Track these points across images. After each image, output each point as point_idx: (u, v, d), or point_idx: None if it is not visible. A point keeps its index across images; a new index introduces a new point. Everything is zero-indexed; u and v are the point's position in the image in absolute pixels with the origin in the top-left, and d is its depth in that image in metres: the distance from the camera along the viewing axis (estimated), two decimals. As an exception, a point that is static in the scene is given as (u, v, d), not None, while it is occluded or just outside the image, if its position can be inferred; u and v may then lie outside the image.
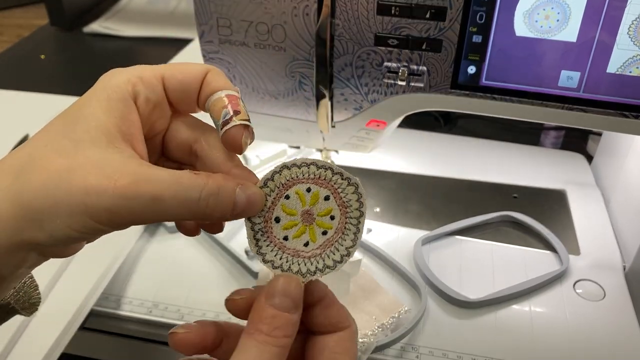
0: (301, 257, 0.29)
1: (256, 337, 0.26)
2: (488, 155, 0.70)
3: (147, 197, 0.25)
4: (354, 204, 0.30)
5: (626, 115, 0.42)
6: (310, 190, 0.29)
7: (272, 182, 0.29)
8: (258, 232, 0.29)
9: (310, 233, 0.29)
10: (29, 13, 1.28)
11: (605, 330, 0.48)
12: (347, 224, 0.30)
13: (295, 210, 0.29)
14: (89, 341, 0.54)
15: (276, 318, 0.26)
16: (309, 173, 0.29)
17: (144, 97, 0.29)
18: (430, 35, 0.42)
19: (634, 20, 0.38)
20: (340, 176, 0.29)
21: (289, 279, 0.28)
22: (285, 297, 0.27)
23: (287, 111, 0.50)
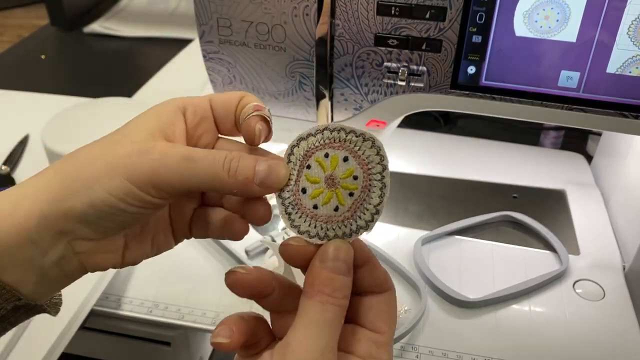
0: (334, 222, 0.29)
1: (319, 298, 0.27)
2: (488, 155, 0.70)
3: (180, 156, 0.28)
4: (374, 159, 0.29)
5: (626, 115, 0.42)
6: (329, 155, 0.30)
7: (292, 156, 0.30)
8: (289, 207, 0.30)
9: (338, 197, 0.30)
10: (30, 13, 1.28)
11: (605, 330, 0.48)
12: (371, 181, 0.29)
13: (318, 177, 0.30)
14: (90, 341, 0.54)
15: (334, 280, 0.28)
16: (324, 139, 0.30)
17: (192, 110, 0.32)
18: (430, 36, 0.42)
19: (633, 21, 0.38)
20: (353, 134, 0.29)
21: (339, 243, 0.29)
22: (338, 260, 0.28)
23: (287, 111, 0.50)
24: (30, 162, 0.72)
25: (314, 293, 0.28)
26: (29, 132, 0.77)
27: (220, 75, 0.49)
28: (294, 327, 0.28)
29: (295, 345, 0.27)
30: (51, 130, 0.64)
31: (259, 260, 0.54)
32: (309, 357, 0.27)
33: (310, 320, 0.27)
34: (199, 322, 0.49)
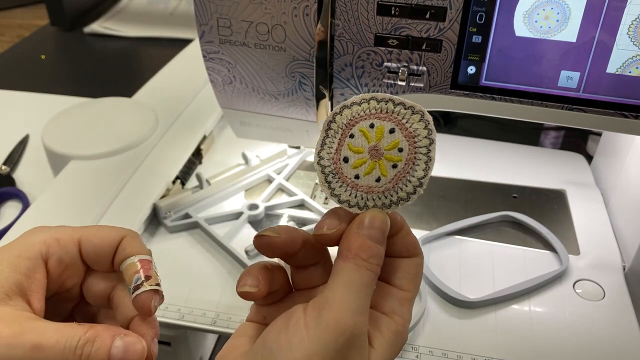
0: (375, 192, 0.29)
1: (356, 261, 0.29)
2: (488, 155, 0.70)
3: (28, 346, 0.27)
4: (422, 132, 0.29)
5: (626, 115, 0.42)
6: (374, 126, 0.29)
7: (334, 123, 0.29)
8: (329, 175, 0.30)
9: (381, 168, 0.29)
10: (30, 13, 1.28)
11: (605, 330, 0.48)
12: (416, 154, 0.29)
13: (362, 147, 0.29)
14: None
15: (371, 248, 0.29)
16: (370, 109, 0.29)
17: (56, 258, 0.32)
18: (430, 36, 0.42)
19: (633, 21, 0.38)
20: (402, 106, 0.29)
21: (376, 213, 0.30)
22: (374, 229, 0.29)
23: (287, 111, 0.50)
24: (30, 162, 0.72)
25: (350, 256, 0.29)
26: (29, 132, 0.77)
27: (220, 75, 0.49)
28: (332, 286, 0.29)
29: (333, 302, 0.28)
30: (51, 130, 0.64)
31: (259, 260, 0.54)
32: (345, 315, 0.28)
33: (348, 281, 0.28)
34: (199, 322, 0.49)
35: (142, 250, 0.34)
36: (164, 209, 0.58)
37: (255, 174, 0.64)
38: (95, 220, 0.53)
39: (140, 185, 0.58)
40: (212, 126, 0.70)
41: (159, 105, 0.69)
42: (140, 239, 0.34)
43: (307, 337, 0.28)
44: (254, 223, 0.59)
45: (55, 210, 0.54)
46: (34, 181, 0.68)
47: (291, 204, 0.61)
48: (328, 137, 0.30)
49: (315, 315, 0.28)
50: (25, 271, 0.31)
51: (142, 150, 0.62)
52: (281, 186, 0.63)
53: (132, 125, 0.65)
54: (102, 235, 0.34)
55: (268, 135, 0.54)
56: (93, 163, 0.60)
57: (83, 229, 0.34)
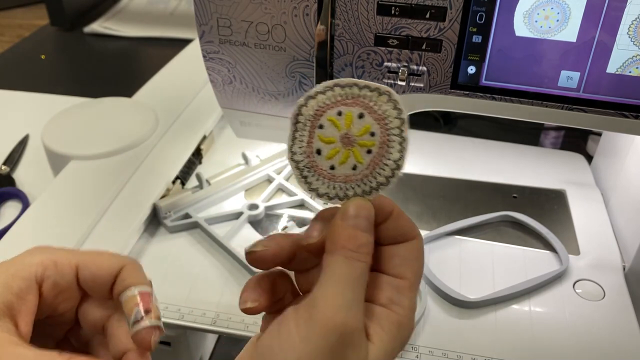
0: (353, 181, 0.29)
1: (344, 254, 0.27)
2: (488, 155, 0.70)
3: None
4: (392, 113, 0.29)
5: (626, 115, 0.42)
6: (342, 113, 0.28)
7: (301, 116, 0.28)
8: (304, 170, 0.29)
9: (355, 155, 0.29)
10: (30, 13, 1.28)
11: (605, 330, 0.48)
12: (389, 136, 0.29)
13: (333, 137, 0.28)
14: (89, 341, 0.54)
15: (358, 237, 0.28)
16: (335, 96, 0.28)
17: (52, 281, 0.31)
18: (430, 36, 0.42)
19: (633, 21, 0.38)
20: (368, 89, 0.28)
21: (359, 201, 0.28)
22: (359, 217, 0.28)
23: (287, 111, 0.50)
24: (30, 162, 0.72)
25: (337, 249, 0.28)
26: (29, 132, 0.77)
27: (220, 75, 0.49)
28: (320, 284, 0.27)
29: (322, 300, 0.27)
30: (51, 130, 0.64)
31: (259, 260, 0.54)
32: (336, 312, 0.26)
33: (336, 276, 0.27)
34: (199, 322, 0.49)
35: (142, 281, 0.32)
36: (164, 209, 0.58)
37: (255, 174, 0.64)
38: (95, 220, 0.53)
39: (140, 185, 0.58)
40: (212, 126, 0.70)
41: (159, 105, 0.69)
42: (141, 269, 0.33)
43: (298, 339, 0.26)
44: (254, 223, 0.59)
45: (55, 210, 0.54)
46: (34, 181, 0.68)
47: (291, 204, 0.61)
48: (297, 131, 0.29)
49: (305, 315, 0.27)
50: (18, 291, 0.30)
51: (142, 150, 0.62)
52: (281, 186, 0.63)
53: (132, 125, 0.65)
54: (101, 262, 0.32)
55: (268, 135, 0.54)
56: (93, 163, 0.60)
57: (82, 254, 0.33)
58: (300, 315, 0.27)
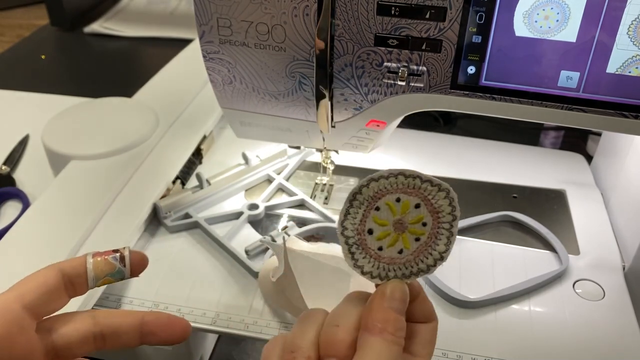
0: (396, 263, 0.30)
1: (384, 336, 0.29)
2: (487, 155, 0.70)
3: None
4: (446, 209, 0.30)
5: (625, 115, 0.42)
6: (400, 200, 0.30)
7: (360, 195, 0.30)
8: (352, 246, 0.30)
9: (404, 240, 0.30)
10: (30, 13, 1.28)
11: (605, 330, 0.49)
12: (439, 229, 0.30)
13: (387, 220, 0.30)
14: (90, 341, 0.54)
15: (397, 321, 0.29)
16: (397, 183, 0.30)
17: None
18: (430, 36, 0.42)
19: (633, 21, 0.39)
20: (429, 183, 0.30)
21: (397, 283, 0.30)
22: (397, 300, 0.30)
23: (287, 111, 0.50)
24: (31, 162, 0.72)
25: (376, 331, 0.29)
26: (29, 132, 0.77)
27: (220, 75, 0.49)
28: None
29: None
30: (51, 130, 0.64)
31: (259, 260, 0.54)
32: None
33: (376, 357, 0.28)
34: (199, 322, 0.49)
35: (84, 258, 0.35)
36: (164, 208, 0.58)
37: (255, 174, 0.64)
38: (96, 220, 0.53)
39: (140, 185, 0.58)
40: (212, 126, 0.70)
41: (159, 105, 0.69)
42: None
43: None
44: (254, 223, 0.59)
45: (56, 210, 0.54)
46: (34, 181, 0.68)
47: (291, 203, 0.61)
48: (352, 208, 0.30)
49: None
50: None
51: (142, 150, 0.62)
52: (281, 186, 0.63)
53: (133, 125, 0.65)
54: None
55: (268, 135, 0.54)
56: (93, 163, 0.60)
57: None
58: None
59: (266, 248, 0.55)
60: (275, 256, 0.51)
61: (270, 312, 0.49)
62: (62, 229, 0.52)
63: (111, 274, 0.34)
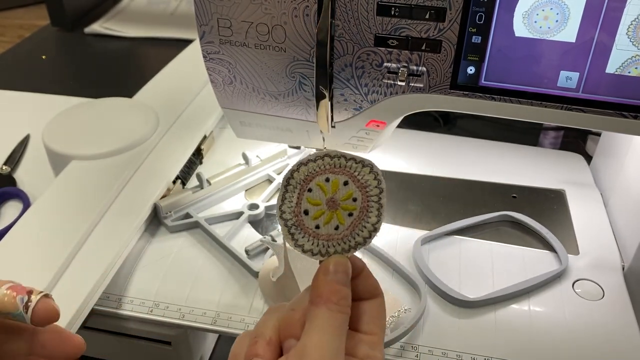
0: (334, 239, 0.32)
1: (328, 306, 0.30)
2: (487, 156, 0.71)
3: None
4: (372, 182, 0.32)
5: (625, 115, 0.42)
6: (329, 180, 0.32)
7: (292, 179, 0.32)
8: (291, 227, 0.32)
9: (338, 217, 0.32)
10: (30, 13, 1.28)
11: (604, 330, 0.49)
12: (369, 202, 0.32)
13: (319, 200, 0.32)
14: (90, 340, 0.54)
15: (339, 291, 0.31)
16: (324, 164, 0.32)
17: None
18: (429, 36, 0.42)
19: (632, 21, 0.39)
20: (353, 161, 0.32)
21: (338, 258, 0.32)
22: (340, 273, 0.32)
23: (287, 111, 0.50)
24: (31, 162, 0.72)
25: (321, 302, 0.31)
26: (30, 132, 0.77)
27: (220, 76, 0.49)
28: (308, 332, 0.30)
29: (311, 348, 0.29)
30: (52, 130, 0.64)
31: (259, 260, 0.54)
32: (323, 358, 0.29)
33: (323, 326, 0.30)
34: (199, 321, 0.49)
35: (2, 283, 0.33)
36: (164, 208, 0.58)
37: (255, 174, 0.65)
38: (96, 220, 0.53)
39: (140, 185, 0.58)
40: (212, 126, 0.70)
41: (159, 106, 0.69)
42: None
43: None
44: (254, 223, 0.59)
45: (56, 210, 0.54)
46: (34, 181, 0.68)
47: (291, 203, 0.61)
48: (287, 192, 0.32)
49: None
50: None
51: (142, 150, 0.62)
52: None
53: (133, 126, 0.65)
54: None
55: (268, 135, 0.55)
56: (94, 163, 0.60)
57: None
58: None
59: (266, 248, 0.55)
60: (275, 256, 0.51)
61: (270, 312, 0.49)
62: (62, 229, 0.52)
63: (12, 314, 0.32)
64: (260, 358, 0.31)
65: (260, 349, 0.31)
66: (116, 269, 0.51)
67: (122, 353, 0.54)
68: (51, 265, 0.48)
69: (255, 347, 0.31)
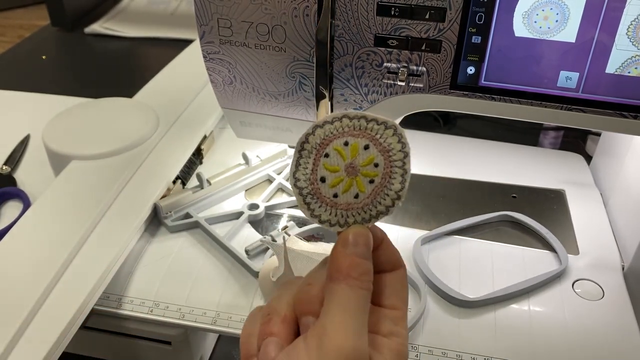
0: (354, 209, 0.29)
1: (348, 282, 0.28)
2: (487, 156, 0.71)
3: None
4: (396, 146, 0.30)
5: (625, 115, 0.42)
6: (348, 144, 0.29)
7: (307, 144, 0.29)
8: (307, 196, 0.30)
9: (358, 184, 0.29)
10: (30, 14, 1.28)
11: (604, 330, 0.49)
12: (392, 168, 0.30)
13: (337, 166, 0.29)
14: (90, 340, 0.54)
15: (360, 265, 0.28)
16: (342, 127, 0.29)
17: None
18: (429, 36, 0.42)
19: (632, 21, 0.39)
20: (375, 122, 0.29)
21: (358, 229, 0.29)
22: (359, 245, 0.29)
23: (287, 111, 0.50)
24: (31, 162, 0.72)
25: (341, 277, 0.28)
26: (30, 132, 0.77)
27: (220, 76, 0.49)
28: (327, 312, 0.28)
29: (331, 328, 0.27)
30: (52, 130, 0.64)
31: (259, 260, 0.54)
32: (346, 338, 0.27)
33: (343, 304, 0.28)
34: (199, 321, 0.49)
35: None
36: (164, 208, 0.58)
37: (255, 174, 0.65)
38: (96, 220, 0.53)
39: (140, 185, 0.58)
40: (212, 126, 0.70)
41: (159, 106, 0.69)
42: None
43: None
44: (255, 223, 0.59)
45: (56, 210, 0.54)
46: (34, 181, 0.68)
47: (291, 203, 0.61)
48: (302, 158, 0.30)
49: (315, 344, 0.27)
50: None
51: (142, 150, 0.62)
52: (281, 186, 0.64)
53: (133, 126, 0.65)
54: None
55: (268, 135, 0.55)
56: (94, 163, 0.60)
57: None
58: (310, 344, 0.27)
59: (266, 248, 0.55)
60: (275, 256, 0.51)
61: (270, 312, 0.49)
62: (62, 229, 0.52)
63: None
64: (275, 337, 0.29)
65: (275, 327, 0.29)
66: (116, 269, 0.51)
67: (122, 353, 0.54)
68: (51, 265, 0.48)
69: (269, 325, 0.29)
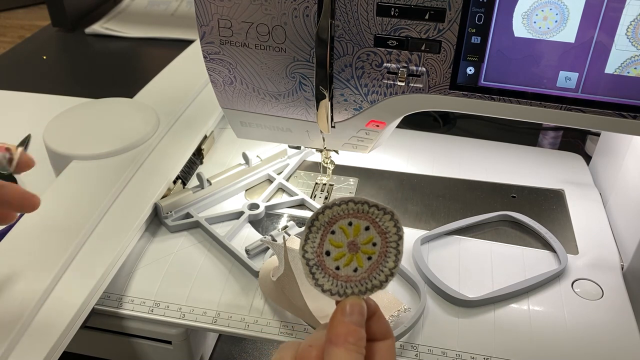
0: (353, 281, 0.34)
1: (346, 347, 0.32)
2: (487, 156, 0.71)
3: None
4: (392, 229, 0.34)
5: (624, 115, 0.42)
6: (352, 224, 0.34)
7: (317, 221, 0.34)
8: (313, 267, 0.34)
9: (358, 260, 0.34)
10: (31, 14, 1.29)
11: (603, 329, 0.49)
12: (388, 248, 0.34)
13: (341, 242, 0.34)
14: (91, 340, 0.54)
15: (356, 332, 0.32)
16: (348, 209, 0.34)
17: None
18: (429, 37, 0.42)
19: (632, 21, 0.39)
20: (376, 208, 0.34)
21: (355, 300, 0.33)
22: (357, 314, 0.33)
23: (287, 111, 0.50)
24: (32, 162, 0.72)
25: (340, 342, 0.32)
26: (31, 132, 0.77)
27: (221, 76, 0.49)
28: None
29: None
30: (53, 131, 0.64)
31: (259, 259, 0.54)
32: None
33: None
34: (199, 321, 0.49)
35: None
36: (165, 208, 0.58)
37: (255, 174, 0.65)
38: (97, 220, 0.54)
39: (141, 185, 0.59)
40: (212, 126, 0.70)
41: (160, 106, 0.69)
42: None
43: None
44: (255, 223, 0.59)
45: (57, 210, 0.54)
46: (35, 181, 0.69)
47: (291, 203, 0.61)
48: (311, 233, 0.34)
49: None
50: None
51: (143, 150, 0.63)
52: (281, 186, 0.64)
53: (134, 126, 0.65)
54: None
55: (268, 135, 0.55)
56: (94, 163, 0.60)
57: None
58: None
59: (266, 247, 0.55)
60: (275, 256, 0.51)
61: (270, 311, 0.50)
62: (63, 229, 0.52)
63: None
64: None
65: None
66: (117, 269, 0.51)
67: (123, 352, 0.54)
68: (52, 265, 0.48)
69: None
